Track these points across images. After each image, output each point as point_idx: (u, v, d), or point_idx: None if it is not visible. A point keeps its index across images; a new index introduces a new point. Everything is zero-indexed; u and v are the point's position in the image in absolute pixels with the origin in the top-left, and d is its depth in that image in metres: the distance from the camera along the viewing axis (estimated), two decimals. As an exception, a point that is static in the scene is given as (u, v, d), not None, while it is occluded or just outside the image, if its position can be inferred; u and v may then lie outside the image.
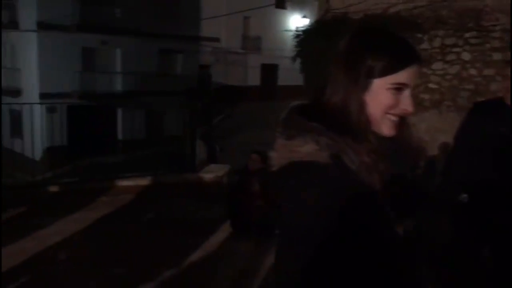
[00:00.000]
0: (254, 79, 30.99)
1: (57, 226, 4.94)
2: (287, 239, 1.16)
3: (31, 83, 20.66)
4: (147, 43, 23.05)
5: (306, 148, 1.08)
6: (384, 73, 1.11)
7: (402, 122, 1.16)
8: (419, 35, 9.92)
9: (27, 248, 4.32)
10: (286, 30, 28.40)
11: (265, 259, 4.24)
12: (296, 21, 27.93)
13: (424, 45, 10.27)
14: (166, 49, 24.31)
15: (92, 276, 3.95)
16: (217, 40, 28.88)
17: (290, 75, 28.00)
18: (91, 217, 5.21)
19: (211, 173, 7.21)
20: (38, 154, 17.59)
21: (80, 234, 4.77)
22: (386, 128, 1.14)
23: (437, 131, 10.22)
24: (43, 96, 19.45)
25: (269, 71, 31.27)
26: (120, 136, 22.38)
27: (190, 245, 4.56)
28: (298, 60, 15.43)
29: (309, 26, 14.32)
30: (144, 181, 6.61)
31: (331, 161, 1.04)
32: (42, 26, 20.27)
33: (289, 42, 28.04)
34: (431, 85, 10.23)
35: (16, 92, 21.11)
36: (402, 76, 1.12)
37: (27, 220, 5.13)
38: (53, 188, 6.30)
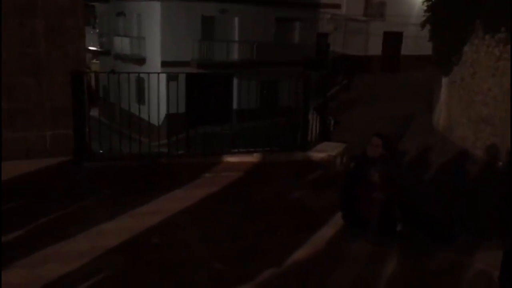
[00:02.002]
0: (375, 48, 29.08)
1: (157, 204, 4.68)
2: None
3: (154, 51, 21.47)
4: (265, 11, 22.67)
5: None
6: None
7: None
8: None
9: (123, 228, 4.09)
10: (414, -6, 26.09)
11: (384, 266, 3.53)
12: (426, -17, 25.39)
13: None
14: (283, 17, 23.71)
15: (185, 270, 3.58)
16: (337, 6, 27.48)
17: (416, 44, 25.91)
18: (192, 196, 4.86)
19: (323, 152, 6.53)
20: (159, 121, 18.36)
21: (177, 215, 4.44)
22: None
23: None
24: (164, 64, 20.14)
25: (393, 39, 29.10)
26: (235, 105, 22.52)
27: (294, 239, 3.99)
28: (427, 27, 13.95)
29: (444, -13, 12.74)
30: (251, 158, 6.16)
31: None
32: (165, -5, 20.81)
33: (417, 7, 25.93)
34: None
35: (141, 60, 22.16)
36: None
37: (131, 193, 4.94)
38: (161, 160, 6.14)
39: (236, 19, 22.74)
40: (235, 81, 22.36)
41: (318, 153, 6.47)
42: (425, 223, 3.95)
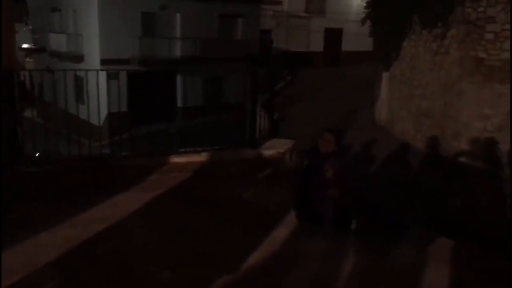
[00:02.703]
0: (317, 44, 29.53)
1: (102, 209, 4.37)
2: None
3: (92, 48, 20.63)
4: (207, 7, 22.38)
5: None
6: None
7: None
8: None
9: (63, 238, 3.77)
10: (353, -9, 26.72)
11: (342, 263, 3.45)
12: (364, -19, 26.06)
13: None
14: (226, 14, 23.52)
15: (132, 281, 3.33)
16: (279, 3, 27.66)
17: (356, 40, 26.55)
18: (138, 200, 4.59)
19: (272, 149, 6.43)
20: (100, 121, 17.64)
21: (123, 221, 4.16)
22: None
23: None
24: (104, 62, 19.38)
25: (333, 35, 29.66)
26: (179, 103, 22.08)
27: (249, 240, 3.83)
28: (367, 24, 14.24)
29: (383, -17, 13.02)
30: (199, 157, 5.95)
31: None
32: (103, -11, 20.04)
33: (355, 5, 26.46)
34: (528, 50, 8.84)
35: (79, 58, 21.21)
36: None
37: (72, 199, 4.59)
38: (104, 163, 5.78)
39: (178, 15, 22.30)
40: (179, 78, 21.93)
41: (267, 150, 6.36)
42: (379, 216, 3.92)
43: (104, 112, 15.45)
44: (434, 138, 10.74)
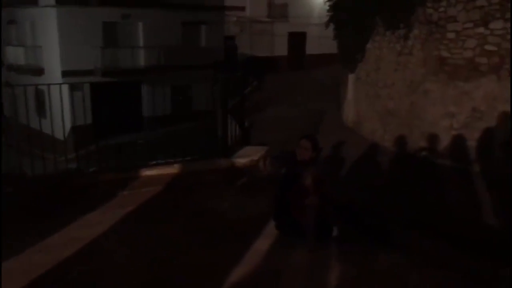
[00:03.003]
0: (281, 49, 29.69)
1: (72, 231, 4.15)
2: None
3: (53, 61, 20.07)
4: (170, 15, 22.15)
5: None
6: None
7: None
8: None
9: (30, 265, 3.54)
10: (315, -5, 26.98)
11: (327, 273, 3.37)
12: (325, -15, 26.38)
13: (481, 2, 9.05)
14: (189, 21, 23.33)
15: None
16: (242, 9, 27.66)
17: (319, 43, 26.81)
18: (110, 218, 4.39)
19: (246, 157, 6.33)
20: (63, 134, 17.12)
21: (95, 242, 3.96)
22: None
23: (495, 99, 9.11)
24: (65, 74, 18.88)
25: (297, 39, 29.89)
26: (145, 113, 21.72)
27: (229, 255, 3.70)
28: (331, 27, 14.37)
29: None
30: (171, 169, 5.79)
31: None
32: (61, 1, 19.55)
33: (318, 9, 26.69)
34: (488, 47, 9.04)
35: (39, 71, 20.58)
36: None
37: (35, 222, 4.35)
38: (71, 180, 5.54)
39: (140, 24, 21.96)
40: (144, 88, 21.60)
41: (241, 159, 6.26)
42: (359, 223, 3.87)
43: (68, 126, 15.05)
44: (402, 138, 10.87)
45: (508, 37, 8.75)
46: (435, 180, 8.39)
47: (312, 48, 29.68)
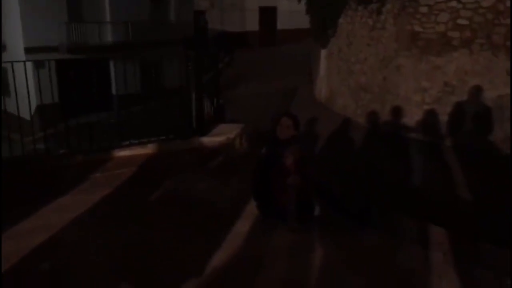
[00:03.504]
0: (252, 24, 29.30)
1: (43, 217, 3.97)
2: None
3: (15, 37, 19.22)
4: (137, -12, 21.49)
5: None
6: None
7: None
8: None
9: (3, 251, 3.36)
10: (286, -31, 26.56)
11: (312, 255, 3.31)
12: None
13: (453, -25, 9.03)
14: (157, -5, 22.71)
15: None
16: (211, -18, 27.08)
17: (290, 18, 26.59)
18: (82, 203, 4.21)
19: (221, 136, 6.20)
20: (29, 114, 16.50)
21: (67, 229, 3.79)
22: None
23: (467, 74, 9.20)
24: (28, 50, 18.14)
25: (268, 14, 29.53)
26: (114, 91, 21.16)
27: (208, 240, 3.60)
28: (303, 1, 14.18)
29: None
30: (145, 150, 5.61)
31: None
32: (22, -27, 18.63)
33: (290, -18, 26.15)
34: (461, 21, 9.06)
35: (0, 48, 19.71)
36: None
37: (6, 207, 4.13)
38: (39, 163, 5.30)
39: (106, -2, 21.24)
40: (112, 65, 20.97)
41: (217, 137, 6.12)
42: (340, 203, 3.83)
43: (34, 105, 14.49)
44: (374, 113, 10.92)
45: (480, 10, 8.80)
46: (407, 156, 8.46)
47: (283, 23, 29.43)
